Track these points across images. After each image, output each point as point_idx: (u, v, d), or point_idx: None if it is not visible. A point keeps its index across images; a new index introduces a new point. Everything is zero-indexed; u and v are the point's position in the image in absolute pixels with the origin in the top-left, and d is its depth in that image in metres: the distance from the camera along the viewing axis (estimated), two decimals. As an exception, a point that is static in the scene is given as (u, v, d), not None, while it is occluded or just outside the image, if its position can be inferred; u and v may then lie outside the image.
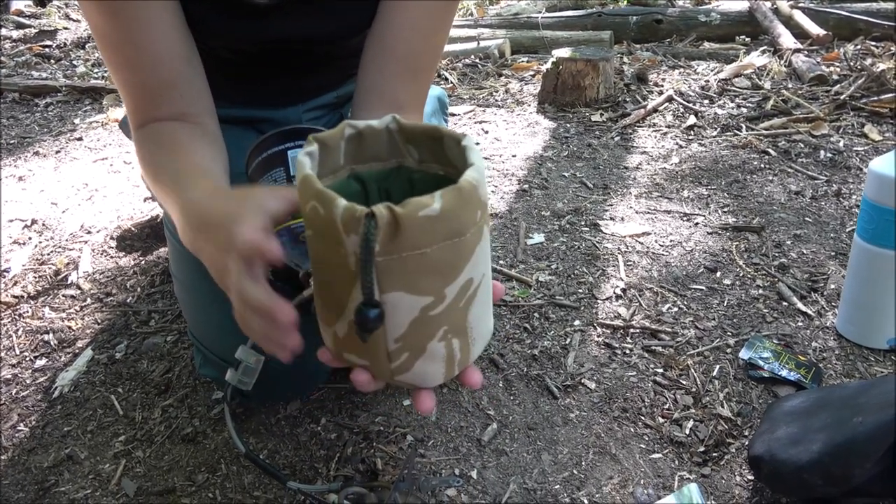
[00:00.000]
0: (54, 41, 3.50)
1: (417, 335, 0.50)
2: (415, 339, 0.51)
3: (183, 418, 0.93)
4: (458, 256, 0.49)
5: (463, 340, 0.53)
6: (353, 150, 0.57)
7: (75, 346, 1.10)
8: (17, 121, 2.34)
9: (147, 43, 0.72)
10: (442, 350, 0.52)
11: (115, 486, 0.83)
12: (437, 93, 1.35)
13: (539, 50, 2.94)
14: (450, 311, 0.50)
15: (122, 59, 0.73)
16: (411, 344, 0.51)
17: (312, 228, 0.49)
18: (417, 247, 0.46)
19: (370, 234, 0.44)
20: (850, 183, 1.55)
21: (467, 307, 0.52)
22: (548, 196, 1.55)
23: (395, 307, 0.48)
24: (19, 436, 0.92)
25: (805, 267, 1.22)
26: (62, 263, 1.34)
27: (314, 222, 0.48)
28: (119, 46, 0.72)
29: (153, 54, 0.73)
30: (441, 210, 0.46)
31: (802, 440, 0.73)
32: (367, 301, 0.46)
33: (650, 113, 2.05)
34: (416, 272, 0.47)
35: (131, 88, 0.75)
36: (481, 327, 0.55)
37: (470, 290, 0.51)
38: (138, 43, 0.72)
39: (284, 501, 0.80)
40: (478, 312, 0.53)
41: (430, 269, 0.47)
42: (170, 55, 0.74)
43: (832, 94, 2.07)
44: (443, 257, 0.48)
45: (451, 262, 0.48)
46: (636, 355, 1.02)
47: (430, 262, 0.47)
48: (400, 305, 0.48)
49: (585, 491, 0.80)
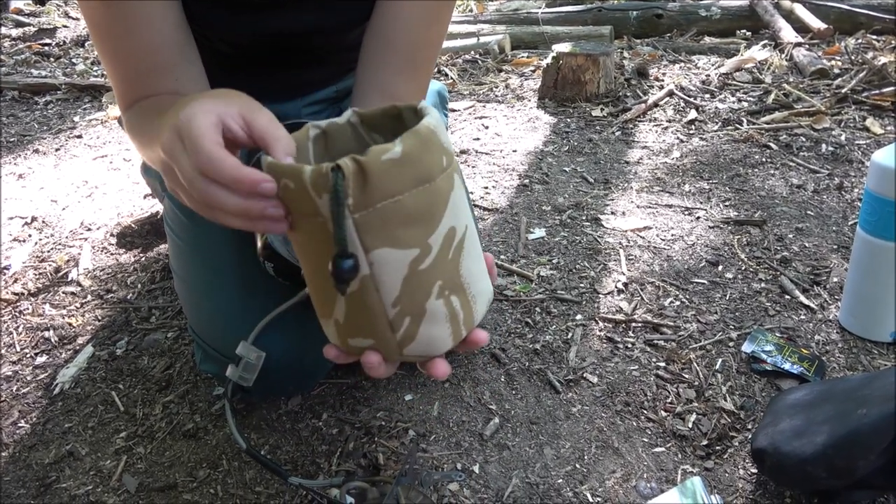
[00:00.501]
0: (54, 39, 3.49)
1: (413, 295, 0.50)
2: (412, 300, 0.50)
3: (184, 414, 0.93)
4: (433, 203, 0.48)
5: (462, 297, 0.53)
6: (321, 150, 0.57)
7: (76, 343, 1.10)
8: (16, 119, 2.33)
9: (141, 29, 0.71)
10: (442, 309, 0.51)
11: (116, 482, 0.83)
12: (437, 87, 1.35)
13: (539, 45, 2.93)
14: (440, 264, 0.50)
15: (115, 45, 0.72)
16: (409, 306, 0.50)
17: (290, 209, 0.49)
18: (389, 194, 0.46)
19: (339, 185, 0.44)
20: (851, 176, 1.54)
21: (457, 259, 0.51)
22: (549, 191, 1.55)
23: (384, 266, 0.48)
24: (20, 432, 0.92)
25: (807, 260, 1.22)
26: (62, 260, 1.34)
27: (290, 201, 0.48)
28: (113, 32, 0.71)
29: (147, 40, 0.72)
30: (403, 153, 0.46)
31: (806, 433, 0.73)
32: (341, 253, 0.46)
33: (651, 107, 2.05)
34: (394, 223, 0.47)
35: (123, 73, 0.74)
36: (479, 284, 0.55)
37: (455, 241, 0.51)
38: (132, 28, 0.71)
39: (286, 497, 0.79)
40: (470, 267, 0.53)
41: (407, 219, 0.47)
42: (164, 41, 0.73)
43: (833, 88, 2.06)
44: (417, 204, 0.48)
45: (427, 210, 0.48)
46: (638, 349, 1.01)
47: (405, 210, 0.47)
48: (388, 263, 0.48)
49: (588, 485, 0.80)
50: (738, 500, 0.77)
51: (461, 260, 0.52)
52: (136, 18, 0.71)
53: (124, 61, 0.73)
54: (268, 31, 0.83)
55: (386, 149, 0.45)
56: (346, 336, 0.53)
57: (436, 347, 0.53)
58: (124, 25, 0.71)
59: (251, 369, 0.69)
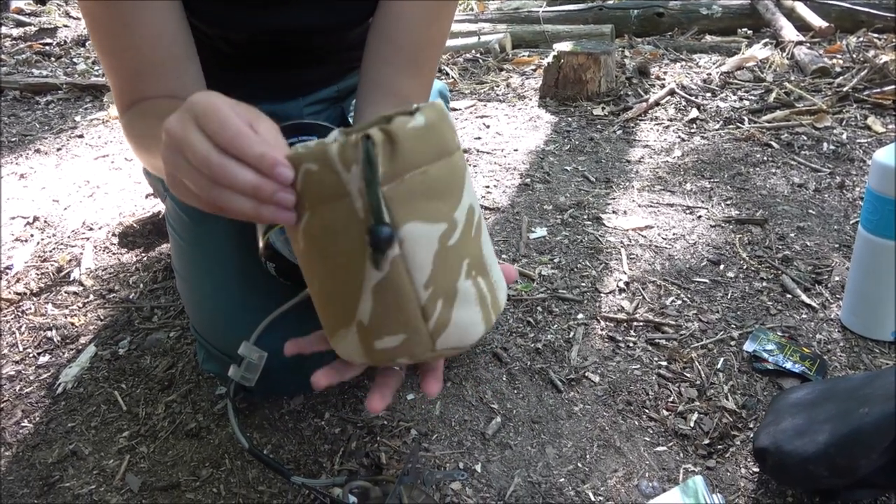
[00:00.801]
0: (54, 39, 3.49)
1: (445, 273, 0.49)
2: (444, 279, 0.49)
3: (186, 414, 0.93)
4: (455, 177, 0.49)
5: (487, 280, 0.52)
6: None
7: (78, 343, 1.10)
8: (18, 119, 2.33)
9: (140, 24, 0.71)
10: (472, 289, 0.50)
11: (119, 481, 0.83)
12: (439, 86, 1.34)
13: (540, 44, 2.93)
14: (466, 242, 0.50)
15: (114, 40, 0.72)
16: (441, 286, 0.49)
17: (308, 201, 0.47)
18: (416, 164, 0.46)
19: (370, 152, 0.44)
20: (853, 175, 1.54)
21: (479, 238, 0.51)
22: (550, 190, 1.55)
23: (415, 242, 0.47)
24: (23, 432, 0.92)
25: (809, 259, 1.22)
26: (64, 260, 1.34)
27: (309, 190, 0.47)
28: (112, 28, 0.71)
29: (146, 35, 0.71)
30: (426, 123, 0.46)
31: (808, 432, 0.73)
32: (378, 219, 0.45)
33: (652, 106, 2.05)
34: (422, 196, 0.47)
35: (121, 71, 0.73)
36: (497, 271, 0.55)
37: (475, 219, 0.51)
38: (131, 24, 0.70)
39: (289, 496, 0.80)
40: (489, 249, 0.53)
41: (434, 192, 0.47)
42: (163, 37, 0.72)
43: (835, 87, 2.06)
44: (442, 177, 0.47)
45: (451, 183, 0.48)
46: (640, 348, 1.01)
47: (431, 182, 0.47)
48: (418, 238, 0.47)
49: (590, 484, 0.80)
50: (740, 499, 0.77)
51: (482, 239, 0.52)
52: (136, 17, 0.71)
53: (123, 60, 0.73)
54: (268, 28, 0.83)
55: (409, 119, 0.45)
56: (372, 339, 0.50)
57: (469, 334, 0.51)
58: (123, 24, 0.71)
59: (253, 369, 0.69)
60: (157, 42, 0.72)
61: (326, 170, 0.46)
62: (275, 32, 0.84)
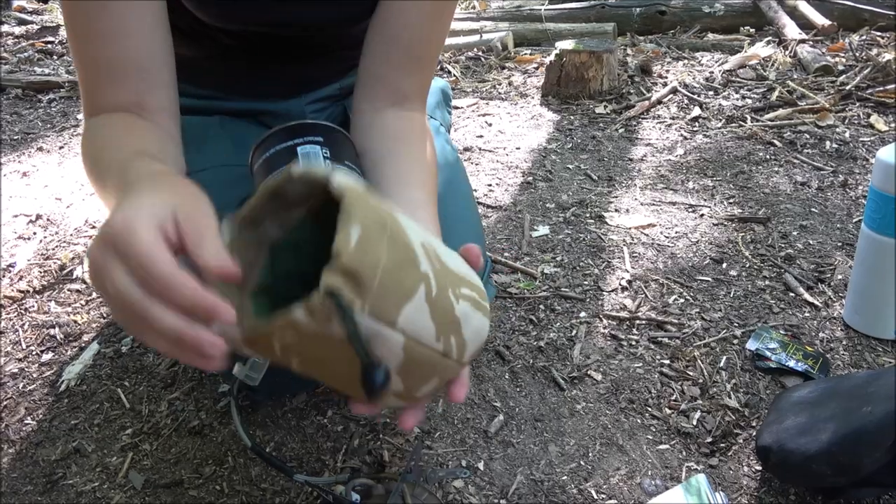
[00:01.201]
0: (56, 37, 3.49)
1: (443, 317, 0.51)
2: (445, 322, 0.51)
3: (189, 411, 0.93)
4: (399, 240, 0.48)
5: (466, 284, 0.55)
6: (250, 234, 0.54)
7: (81, 340, 1.10)
8: (20, 117, 2.33)
9: (120, 12, 0.69)
10: (465, 305, 0.53)
11: (122, 478, 0.83)
12: (441, 85, 1.34)
13: (542, 42, 2.92)
14: (439, 277, 0.51)
15: (90, 31, 0.69)
16: (447, 327, 0.52)
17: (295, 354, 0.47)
18: (375, 269, 0.45)
19: (345, 309, 0.44)
20: (856, 173, 1.54)
21: (442, 261, 0.53)
22: (552, 188, 1.55)
23: (412, 321, 0.49)
24: (27, 429, 0.92)
25: (812, 257, 1.22)
26: (67, 258, 1.34)
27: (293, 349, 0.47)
28: (84, 20, 0.69)
29: (124, 27, 0.69)
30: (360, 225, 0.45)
31: (811, 430, 0.73)
32: (368, 365, 0.45)
33: (654, 105, 2.05)
34: (393, 284, 0.47)
35: (93, 66, 0.71)
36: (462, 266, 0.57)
37: (430, 248, 0.52)
38: (112, 10, 0.68)
39: (292, 493, 0.80)
40: (449, 258, 0.55)
41: (398, 272, 0.47)
42: (142, 32, 0.70)
43: (837, 85, 2.06)
44: (396, 253, 0.47)
45: (402, 250, 0.48)
46: (642, 346, 1.01)
47: (392, 267, 0.47)
48: (413, 316, 0.49)
49: (593, 482, 0.80)
50: (743, 497, 0.77)
51: (443, 259, 0.53)
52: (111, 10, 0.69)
53: (92, 54, 0.71)
54: (274, 21, 0.82)
55: (345, 236, 0.44)
56: (411, 394, 0.54)
57: (482, 337, 0.56)
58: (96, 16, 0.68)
59: (258, 368, 0.69)
60: (126, 35, 0.70)
61: (306, 334, 0.45)
62: (275, 25, 0.84)
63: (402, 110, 0.82)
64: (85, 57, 0.72)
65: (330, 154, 0.73)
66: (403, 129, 0.81)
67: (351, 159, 0.75)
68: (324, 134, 0.75)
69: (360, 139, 0.81)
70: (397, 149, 0.78)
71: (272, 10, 0.81)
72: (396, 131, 0.80)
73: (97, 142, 0.71)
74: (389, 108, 0.81)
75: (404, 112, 0.82)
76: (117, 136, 0.70)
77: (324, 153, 0.72)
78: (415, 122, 0.82)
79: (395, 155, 0.78)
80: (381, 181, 0.75)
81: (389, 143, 0.78)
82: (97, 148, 0.70)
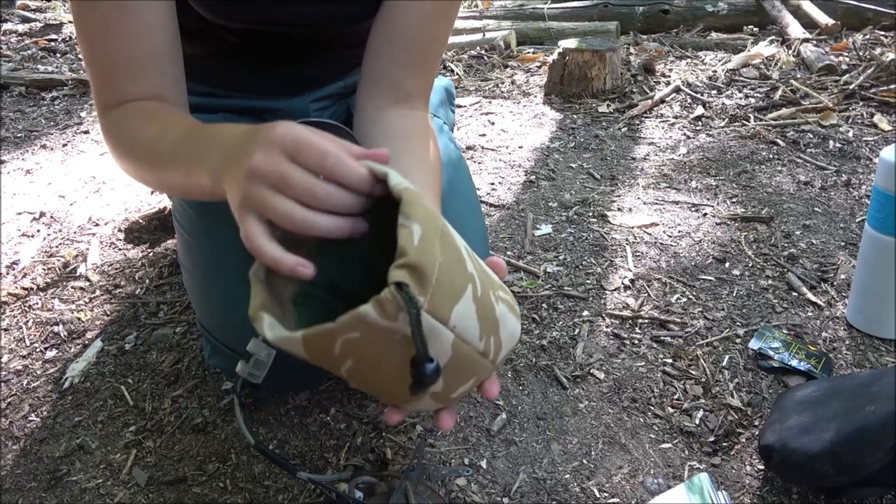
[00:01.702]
0: (60, 35, 3.50)
1: (487, 317, 0.53)
2: (487, 322, 0.54)
3: (192, 409, 0.93)
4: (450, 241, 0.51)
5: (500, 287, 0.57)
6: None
7: (85, 338, 1.10)
8: (23, 114, 2.34)
9: (137, 11, 0.69)
10: (503, 307, 0.56)
11: (126, 475, 0.84)
12: (444, 83, 1.34)
13: (545, 41, 2.92)
14: (482, 280, 0.54)
15: (106, 29, 0.70)
16: (489, 327, 0.54)
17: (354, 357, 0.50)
18: (433, 267, 0.48)
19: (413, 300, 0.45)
20: (859, 173, 1.54)
21: (479, 262, 0.55)
22: (555, 187, 1.55)
23: (463, 319, 0.51)
24: (31, 426, 0.93)
25: (814, 257, 1.21)
26: (71, 256, 1.34)
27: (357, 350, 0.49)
28: (98, 17, 0.70)
29: (143, 23, 0.70)
30: (420, 223, 0.47)
31: (813, 429, 0.73)
32: (423, 358, 0.47)
33: (657, 104, 2.04)
34: (447, 283, 0.49)
35: (109, 63, 0.72)
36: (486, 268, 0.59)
37: (470, 252, 0.55)
38: (129, 10, 0.69)
39: (295, 491, 0.80)
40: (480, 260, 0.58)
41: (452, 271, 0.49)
42: (159, 27, 0.71)
43: (841, 84, 2.06)
44: (449, 253, 0.50)
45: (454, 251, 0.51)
46: (645, 345, 1.01)
47: (447, 267, 0.49)
48: (464, 315, 0.51)
49: (595, 480, 0.80)
50: (745, 496, 0.77)
51: (478, 262, 0.55)
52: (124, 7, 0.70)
53: (106, 52, 0.71)
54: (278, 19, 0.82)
55: (408, 232, 0.46)
56: (447, 395, 0.56)
57: (515, 338, 0.59)
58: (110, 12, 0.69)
59: (261, 366, 0.69)
60: (143, 34, 0.70)
61: (371, 331, 0.47)
62: (279, 24, 0.84)
63: (405, 109, 0.82)
64: (99, 54, 0.72)
65: None
66: (407, 128, 0.81)
67: (354, 157, 0.75)
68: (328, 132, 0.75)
69: (363, 137, 0.81)
70: (400, 147, 0.78)
71: (275, 7, 0.81)
72: (400, 130, 0.80)
73: (127, 129, 0.72)
74: (393, 107, 0.81)
75: (407, 110, 0.82)
76: (158, 114, 0.71)
77: None
78: (418, 121, 0.82)
79: (397, 153, 0.78)
80: None
81: (392, 141, 0.79)
82: (129, 135, 0.71)
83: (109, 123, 0.74)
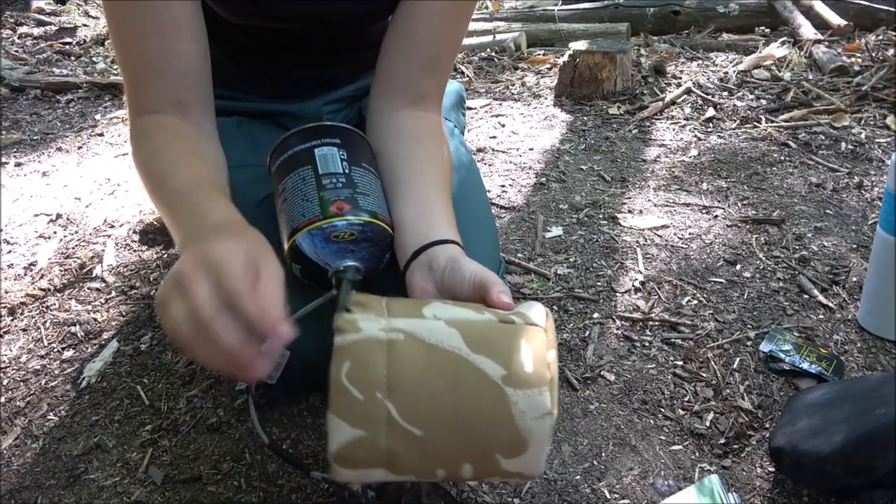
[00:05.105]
0: (74, 38, 3.53)
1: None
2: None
3: (207, 408, 0.95)
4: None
5: None
6: None
7: (101, 338, 1.12)
8: (39, 117, 2.37)
9: (162, 13, 0.71)
10: None
11: (142, 473, 0.85)
12: (456, 87, 1.35)
13: (555, 43, 2.92)
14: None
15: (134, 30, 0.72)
16: None
17: None
18: None
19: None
20: (871, 175, 1.53)
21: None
22: (565, 189, 1.55)
23: None
24: (49, 425, 0.94)
25: (826, 259, 1.21)
26: (87, 257, 1.36)
27: None
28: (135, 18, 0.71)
29: (167, 25, 0.72)
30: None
31: (824, 431, 0.73)
32: None
33: (668, 105, 2.04)
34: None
35: (139, 64, 0.73)
36: None
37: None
38: (156, 11, 0.71)
39: (308, 490, 0.81)
40: None
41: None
42: (183, 31, 0.73)
43: (853, 86, 2.05)
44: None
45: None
46: (656, 348, 1.02)
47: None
48: None
49: (606, 482, 0.80)
50: (756, 498, 0.77)
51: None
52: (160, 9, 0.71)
53: (141, 53, 0.73)
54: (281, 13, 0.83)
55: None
56: None
57: None
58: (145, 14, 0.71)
59: (277, 367, 0.70)
60: (171, 36, 0.72)
61: None
62: (298, 20, 0.84)
63: (418, 111, 0.82)
64: (130, 55, 0.74)
65: (346, 156, 0.74)
66: (419, 130, 0.82)
67: (367, 161, 0.76)
68: (341, 136, 0.76)
69: (376, 139, 0.82)
70: (413, 149, 0.79)
71: (290, 4, 0.82)
72: (412, 131, 0.81)
73: (143, 151, 0.74)
74: (406, 108, 0.82)
75: (420, 112, 0.82)
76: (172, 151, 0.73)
77: (341, 155, 0.73)
78: (430, 123, 0.83)
79: (410, 155, 0.78)
80: (397, 181, 0.76)
81: (405, 143, 0.79)
82: (150, 159, 0.73)
83: (135, 134, 0.76)
